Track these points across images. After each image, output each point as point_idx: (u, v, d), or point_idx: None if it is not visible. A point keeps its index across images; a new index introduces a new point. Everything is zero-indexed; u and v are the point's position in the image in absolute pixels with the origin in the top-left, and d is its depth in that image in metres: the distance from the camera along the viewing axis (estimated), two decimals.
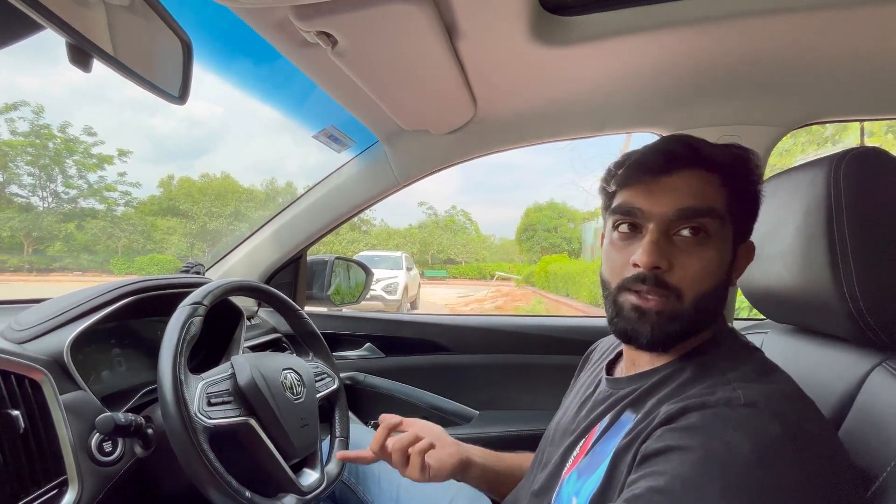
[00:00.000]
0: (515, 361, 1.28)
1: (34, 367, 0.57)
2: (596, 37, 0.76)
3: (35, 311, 0.71)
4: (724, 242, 0.48)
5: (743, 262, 0.53)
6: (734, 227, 0.49)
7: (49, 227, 19.35)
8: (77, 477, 0.57)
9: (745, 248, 0.52)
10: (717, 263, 0.48)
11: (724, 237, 0.48)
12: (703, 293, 0.47)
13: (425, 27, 0.65)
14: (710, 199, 0.48)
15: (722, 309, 0.51)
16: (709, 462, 0.37)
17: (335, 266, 1.36)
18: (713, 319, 0.51)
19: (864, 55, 0.80)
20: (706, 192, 0.48)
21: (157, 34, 0.50)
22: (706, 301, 0.48)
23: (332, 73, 0.79)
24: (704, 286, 0.47)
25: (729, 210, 0.48)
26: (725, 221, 0.48)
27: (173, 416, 0.57)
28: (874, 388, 0.48)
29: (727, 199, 0.48)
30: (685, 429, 0.40)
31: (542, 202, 26.67)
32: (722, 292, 0.49)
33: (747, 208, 0.51)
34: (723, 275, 0.49)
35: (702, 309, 0.48)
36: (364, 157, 1.18)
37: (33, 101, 23.32)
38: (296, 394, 0.73)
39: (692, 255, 0.47)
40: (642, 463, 0.42)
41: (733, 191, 0.49)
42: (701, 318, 0.48)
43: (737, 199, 0.49)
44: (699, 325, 0.49)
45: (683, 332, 0.48)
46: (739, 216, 0.50)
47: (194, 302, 0.67)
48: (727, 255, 0.49)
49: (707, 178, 0.48)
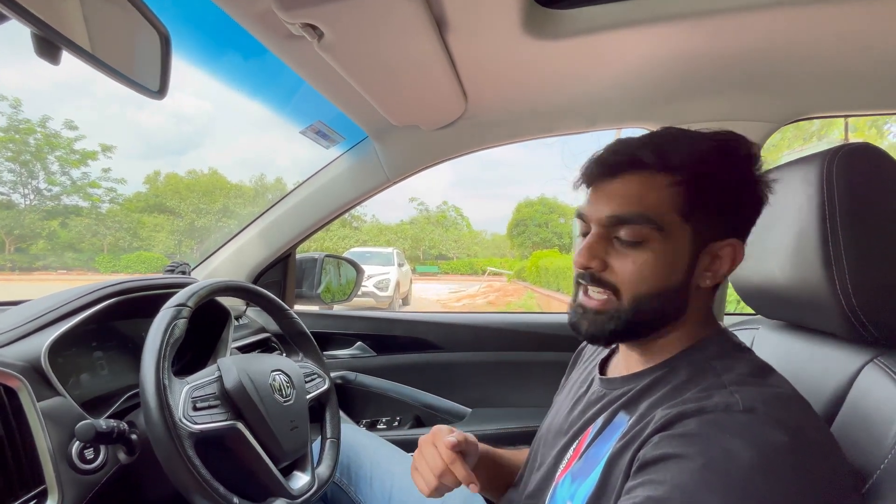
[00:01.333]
0: (507, 359, 1.28)
1: (10, 374, 0.55)
2: (588, 31, 0.75)
3: (12, 314, 0.68)
4: (668, 245, 0.46)
5: (722, 263, 0.48)
6: (694, 226, 0.47)
7: (32, 225, 18.95)
8: (57, 486, 0.55)
9: (725, 248, 0.48)
10: (655, 266, 0.47)
11: (668, 239, 0.46)
12: (643, 294, 0.47)
13: (414, 20, 0.64)
14: (647, 203, 0.46)
15: (680, 309, 0.49)
16: (709, 471, 0.37)
17: (325, 264, 1.34)
18: (670, 319, 0.49)
19: (854, 51, 0.80)
20: (644, 197, 0.47)
21: (134, 26, 0.48)
22: (649, 302, 0.47)
23: (318, 68, 0.77)
24: (643, 288, 0.47)
25: (682, 211, 0.46)
26: (669, 224, 0.46)
27: (157, 422, 0.55)
28: (866, 385, 0.48)
29: (681, 199, 0.46)
30: (683, 436, 0.40)
31: (533, 197, 26.78)
32: (673, 294, 0.47)
33: (720, 204, 0.47)
34: (669, 277, 0.47)
35: (644, 310, 0.47)
36: (353, 154, 1.16)
37: (10, 95, 22.73)
38: (285, 396, 0.71)
39: (627, 258, 0.47)
40: (640, 470, 0.41)
41: (694, 189, 0.46)
42: (644, 318, 0.48)
43: (699, 197, 0.46)
44: (646, 325, 0.49)
45: (626, 332, 0.49)
46: (704, 214, 0.47)
47: (178, 304, 0.66)
48: (677, 257, 0.47)
49: (651, 182, 0.47)
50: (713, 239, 0.48)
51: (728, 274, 0.50)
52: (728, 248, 0.49)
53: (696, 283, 0.49)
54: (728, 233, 0.48)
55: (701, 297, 0.50)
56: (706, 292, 0.51)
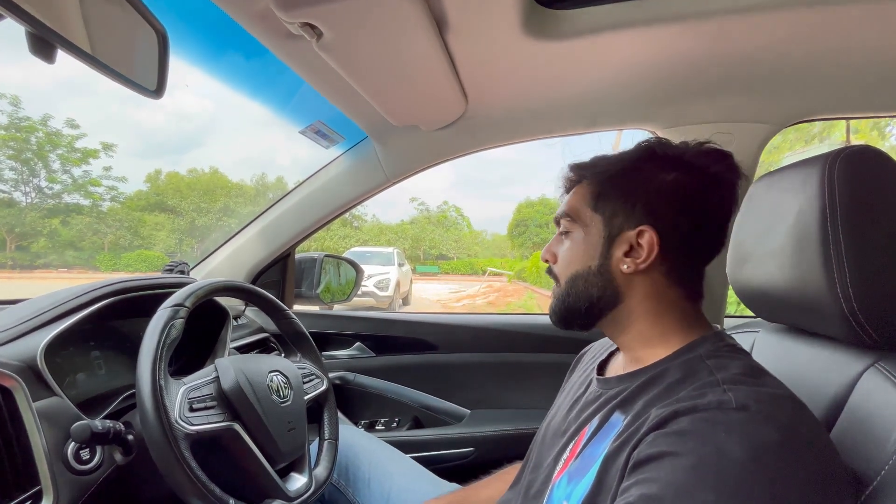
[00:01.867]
0: (506, 360, 1.28)
1: (5, 374, 0.55)
2: (589, 31, 0.74)
3: (9, 314, 0.68)
4: (583, 232, 0.56)
5: (641, 251, 0.52)
6: (602, 216, 0.54)
7: (32, 223, 18.97)
8: (52, 487, 0.55)
9: (642, 235, 0.52)
10: (574, 251, 0.56)
11: (583, 228, 0.56)
12: (569, 277, 0.56)
13: (414, 20, 0.63)
14: (571, 204, 0.57)
15: (610, 292, 0.54)
16: (701, 468, 0.37)
17: (324, 264, 1.34)
18: (604, 301, 0.55)
19: (856, 52, 0.80)
20: (571, 200, 0.58)
21: (131, 25, 0.47)
22: (574, 283, 0.56)
23: (318, 67, 0.77)
24: (569, 271, 0.57)
25: (591, 204, 0.55)
26: (583, 216, 0.56)
27: (152, 423, 0.55)
28: (866, 389, 0.47)
29: (590, 195, 0.56)
30: (677, 433, 0.40)
31: (533, 198, 26.77)
32: (595, 277, 0.54)
33: (625, 195, 0.54)
34: (586, 260, 0.55)
35: (573, 290, 0.56)
36: (353, 154, 1.16)
37: (10, 94, 22.74)
38: (282, 397, 0.71)
39: (561, 249, 0.59)
40: (635, 469, 0.41)
41: (598, 185, 0.56)
42: (577, 299, 0.56)
43: (604, 191, 0.55)
44: (583, 306, 0.55)
45: (567, 312, 0.57)
46: (610, 205, 0.54)
47: (176, 304, 0.65)
48: (590, 242, 0.55)
49: (578, 189, 0.58)
50: (625, 227, 0.53)
51: (648, 261, 0.52)
52: (645, 235, 0.52)
53: (618, 268, 0.53)
54: (639, 222, 0.53)
55: (639, 284, 0.53)
56: (647, 281, 0.53)
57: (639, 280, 0.53)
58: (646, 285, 0.53)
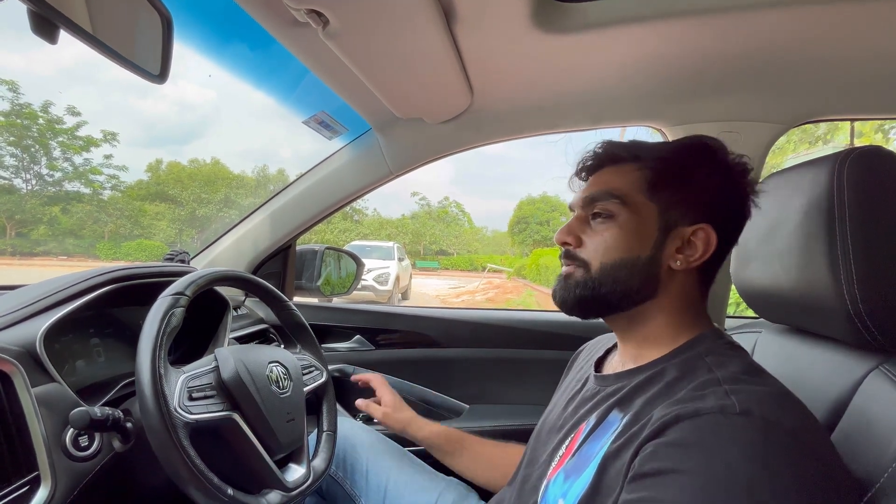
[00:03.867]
0: (506, 356, 1.28)
1: (4, 359, 0.54)
2: (597, 25, 0.73)
3: (9, 299, 0.68)
4: (633, 218, 0.52)
5: (695, 248, 0.51)
6: (658, 206, 0.51)
7: (33, 210, 18.94)
8: (50, 473, 0.55)
9: (697, 232, 0.51)
10: (620, 237, 0.52)
11: (633, 214, 0.52)
12: (609, 263, 0.52)
13: (422, 9, 0.62)
14: (614, 184, 0.53)
15: (649, 285, 0.52)
16: (710, 489, 0.36)
17: (325, 256, 1.33)
18: (639, 295, 0.52)
19: (867, 53, 0.79)
20: (613, 180, 0.54)
21: (135, 7, 0.46)
22: (614, 271, 0.52)
23: (323, 56, 0.76)
24: (608, 257, 0.52)
25: (646, 191, 0.52)
26: (633, 200, 0.52)
27: (151, 411, 0.54)
28: (870, 392, 0.47)
29: (645, 181, 0.52)
30: (681, 446, 0.39)
31: (535, 195, 26.75)
32: (641, 267, 0.51)
33: (684, 189, 0.52)
34: (635, 248, 0.51)
35: (610, 278, 0.52)
36: (356, 146, 1.15)
37: (10, 79, 22.62)
38: (282, 388, 0.71)
39: (597, 234, 0.54)
40: (636, 481, 0.40)
41: (656, 173, 0.52)
42: (612, 288, 0.52)
43: (661, 179, 0.52)
44: (614, 297, 0.52)
45: (593, 299, 0.53)
46: (668, 196, 0.52)
47: (176, 292, 0.65)
48: (642, 231, 0.52)
49: (620, 169, 0.54)
50: (681, 222, 0.51)
51: (702, 259, 0.51)
52: (701, 234, 0.51)
53: (668, 264, 0.51)
54: (697, 219, 0.51)
55: (677, 282, 0.52)
56: (685, 279, 0.52)
57: (680, 277, 0.52)
58: (683, 283, 0.53)
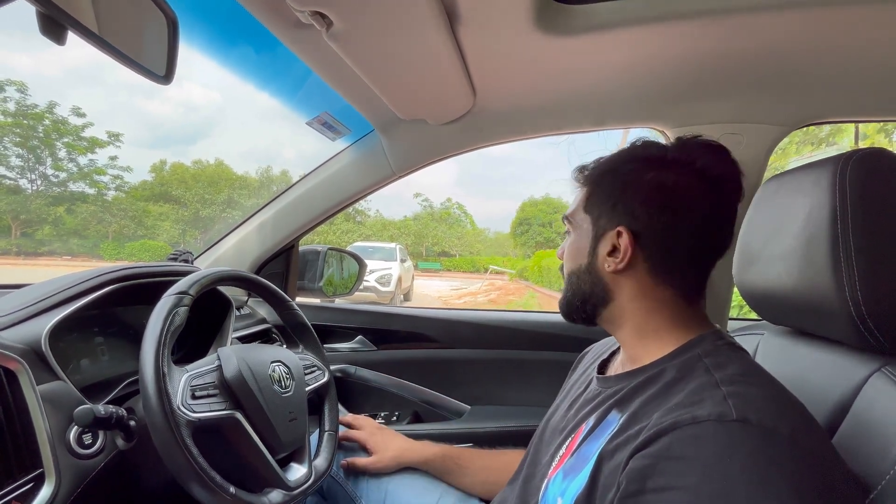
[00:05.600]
0: (508, 357, 1.28)
1: (10, 357, 0.55)
2: (600, 27, 0.74)
3: (14, 297, 0.68)
4: (576, 233, 0.59)
5: (620, 251, 0.53)
6: (591, 216, 0.57)
7: (38, 210, 19.06)
8: (54, 470, 0.55)
9: (620, 235, 0.53)
10: (570, 251, 0.60)
11: (577, 229, 0.59)
12: (567, 274, 0.61)
13: (426, 11, 0.63)
14: (572, 205, 0.61)
15: (600, 290, 0.56)
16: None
17: (328, 257, 1.34)
18: (595, 299, 0.57)
19: (871, 54, 0.79)
20: (573, 202, 0.61)
21: (141, 9, 0.47)
22: (570, 280, 0.60)
23: (327, 58, 0.76)
24: (567, 269, 0.61)
25: (584, 206, 0.58)
26: (576, 217, 0.59)
27: (155, 409, 0.55)
28: (872, 394, 0.47)
29: (584, 198, 0.59)
30: (680, 459, 0.38)
31: (537, 197, 26.78)
32: (584, 275, 0.57)
33: (611, 196, 0.55)
34: (578, 259, 0.58)
35: (570, 287, 0.60)
36: (359, 146, 1.16)
37: (17, 80, 22.81)
38: (284, 387, 0.71)
39: (564, 249, 0.62)
40: (637, 497, 0.39)
41: (590, 187, 0.59)
42: (572, 294, 0.59)
43: (593, 193, 0.58)
44: (579, 302, 0.59)
45: (568, 306, 0.60)
46: (598, 206, 0.57)
47: (180, 291, 0.65)
48: (581, 243, 0.58)
49: (580, 191, 0.61)
50: (608, 227, 0.55)
51: (625, 260, 0.53)
52: (623, 236, 0.53)
53: (603, 267, 0.55)
54: (618, 222, 0.54)
55: (626, 284, 0.54)
56: (632, 281, 0.54)
57: (625, 279, 0.54)
58: (632, 284, 0.54)
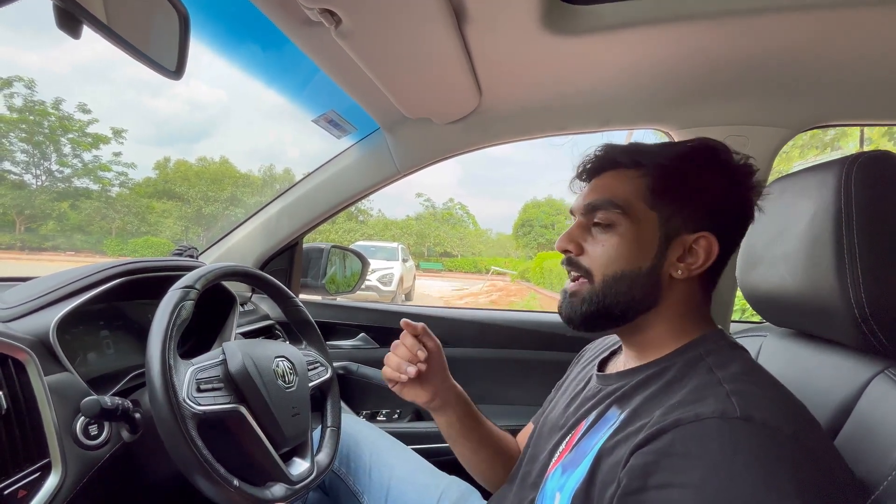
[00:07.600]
0: (509, 356, 1.28)
1: (18, 347, 0.55)
2: (607, 27, 0.74)
3: (22, 290, 0.69)
4: (634, 229, 0.50)
5: (696, 257, 0.50)
6: (659, 214, 0.50)
7: (42, 206, 19.15)
8: (61, 460, 0.56)
9: (699, 241, 0.50)
10: (622, 248, 0.51)
11: (634, 224, 0.51)
12: (611, 275, 0.51)
13: (433, 10, 0.63)
14: (616, 192, 0.52)
15: (651, 296, 0.51)
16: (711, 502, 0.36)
17: (331, 254, 1.34)
18: (641, 305, 0.51)
19: (876, 58, 0.79)
20: (614, 188, 0.52)
21: (153, 4, 0.48)
22: (617, 284, 0.51)
23: (334, 55, 0.77)
24: (612, 269, 0.51)
25: (647, 199, 0.50)
26: (634, 209, 0.51)
27: (161, 401, 0.55)
28: (875, 396, 0.47)
29: (647, 189, 0.51)
30: (683, 456, 0.38)
31: (540, 198, 26.76)
32: (643, 279, 0.50)
33: (686, 197, 0.50)
34: (637, 260, 0.50)
35: (613, 291, 0.51)
36: (364, 145, 1.16)
37: (26, 76, 22.93)
38: (287, 382, 0.72)
39: (598, 243, 0.52)
40: (640, 494, 0.39)
41: (657, 180, 0.51)
42: (614, 300, 0.51)
43: (662, 186, 0.50)
44: (617, 309, 0.51)
45: (598, 314, 0.52)
46: (669, 204, 0.50)
47: (186, 286, 0.66)
48: (643, 241, 0.50)
49: (622, 176, 0.52)
50: (683, 230, 0.50)
51: (703, 268, 0.51)
52: (702, 242, 0.50)
53: (668, 273, 0.51)
54: (699, 227, 0.50)
55: (678, 289, 0.51)
56: (686, 287, 0.52)
57: (680, 285, 0.51)
58: (684, 290, 0.52)
